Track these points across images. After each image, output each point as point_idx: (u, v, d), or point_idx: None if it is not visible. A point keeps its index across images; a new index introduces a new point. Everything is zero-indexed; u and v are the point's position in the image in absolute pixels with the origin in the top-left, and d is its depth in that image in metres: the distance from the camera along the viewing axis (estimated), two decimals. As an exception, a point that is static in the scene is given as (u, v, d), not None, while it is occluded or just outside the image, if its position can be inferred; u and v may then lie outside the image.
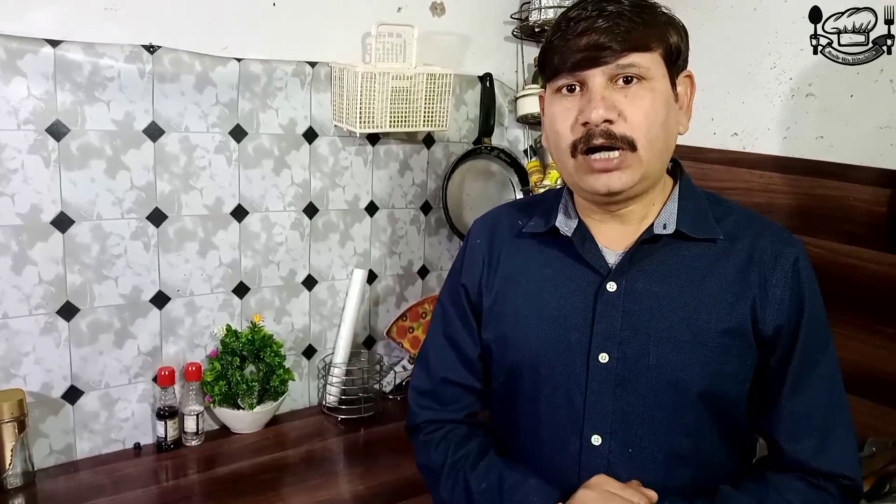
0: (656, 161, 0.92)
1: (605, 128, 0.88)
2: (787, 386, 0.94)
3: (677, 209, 0.96)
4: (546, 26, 1.85)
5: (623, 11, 0.88)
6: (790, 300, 0.93)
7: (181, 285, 1.60)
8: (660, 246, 0.96)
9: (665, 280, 0.94)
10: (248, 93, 1.60)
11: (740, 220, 0.97)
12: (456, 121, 1.93)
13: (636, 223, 0.97)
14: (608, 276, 0.96)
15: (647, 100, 0.89)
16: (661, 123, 0.90)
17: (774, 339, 0.93)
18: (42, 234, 1.42)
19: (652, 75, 0.89)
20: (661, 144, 0.91)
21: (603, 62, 0.88)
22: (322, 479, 1.50)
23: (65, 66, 1.39)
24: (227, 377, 1.62)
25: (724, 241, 0.95)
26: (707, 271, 0.94)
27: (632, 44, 0.88)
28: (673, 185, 1.00)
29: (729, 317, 0.92)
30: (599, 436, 0.95)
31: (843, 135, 1.51)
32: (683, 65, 0.95)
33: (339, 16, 1.70)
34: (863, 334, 1.44)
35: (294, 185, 1.71)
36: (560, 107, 0.93)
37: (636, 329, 0.94)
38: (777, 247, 0.94)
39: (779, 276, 0.93)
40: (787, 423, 0.94)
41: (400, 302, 1.97)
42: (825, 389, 0.94)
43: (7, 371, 1.43)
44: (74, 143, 1.42)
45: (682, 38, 0.94)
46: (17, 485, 1.40)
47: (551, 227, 1.01)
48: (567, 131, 0.92)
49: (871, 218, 1.45)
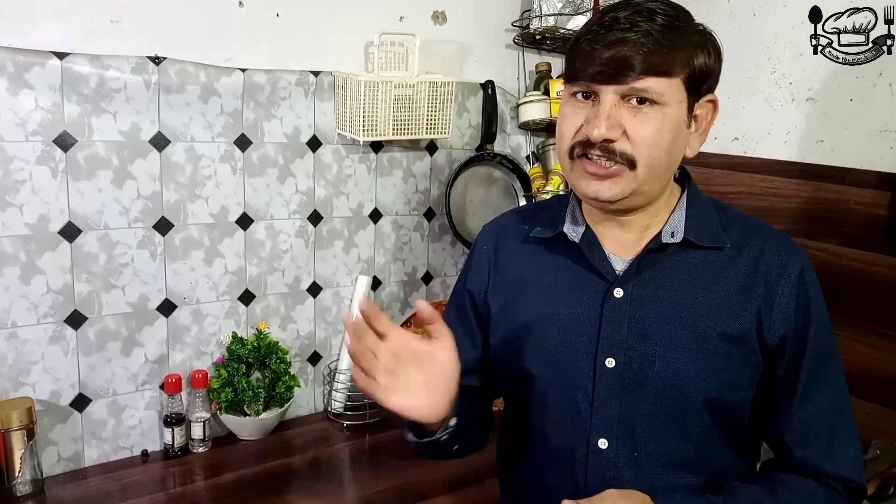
0: (653, 181, 0.91)
1: (605, 145, 0.88)
2: (798, 395, 0.94)
3: (685, 217, 0.96)
4: (547, 34, 1.87)
5: (653, 31, 0.85)
6: (796, 310, 0.93)
7: (187, 293, 1.62)
8: (667, 254, 0.96)
9: (672, 287, 0.95)
10: (253, 102, 1.62)
11: (746, 229, 0.97)
12: (458, 128, 1.94)
13: (639, 232, 0.98)
14: (615, 282, 0.96)
15: (654, 123, 0.88)
16: (666, 148, 0.89)
17: (780, 348, 0.93)
18: (50, 243, 1.44)
19: (666, 101, 0.88)
20: (661, 167, 0.90)
21: (619, 81, 0.87)
22: (328, 485, 1.51)
23: (72, 78, 1.41)
24: (234, 384, 1.63)
25: (731, 249, 0.95)
26: (713, 279, 0.94)
27: (652, 67, 0.86)
28: (681, 192, 1.00)
29: (734, 324, 0.92)
30: (606, 440, 0.95)
31: (842, 138, 1.52)
32: (711, 87, 0.93)
33: (342, 25, 1.71)
34: (864, 336, 1.44)
35: (298, 193, 1.73)
36: (570, 109, 0.93)
37: (643, 335, 0.94)
38: (783, 256, 0.94)
39: (784, 286, 0.93)
40: (798, 431, 0.95)
41: (404, 308, 1.98)
42: (832, 395, 0.95)
43: (16, 380, 1.45)
44: (81, 153, 1.44)
45: (714, 58, 0.91)
46: (26, 492, 1.41)
47: (559, 232, 1.01)
48: (570, 134, 0.92)
49: (872, 221, 1.46)
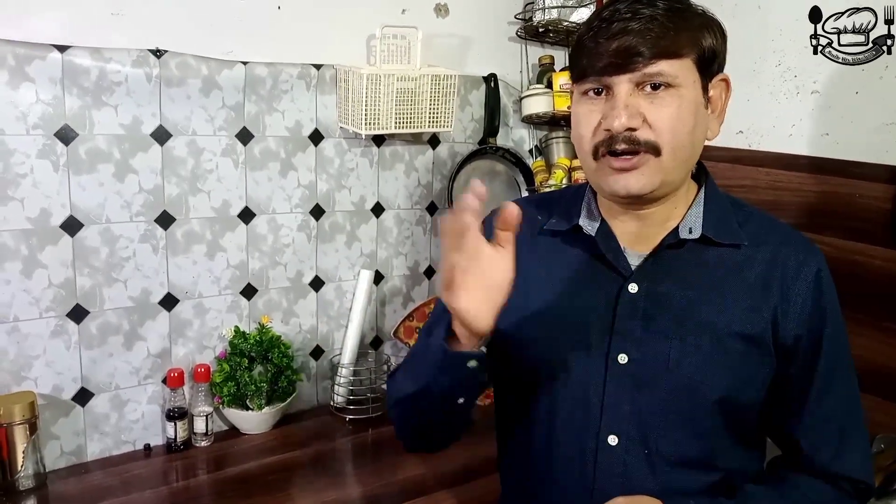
0: (680, 167, 0.91)
1: (628, 135, 0.87)
2: (811, 396, 0.94)
3: (702, 213, 0.95)
4: (550, 26, 1.86)
5: (656, 15, 0.85)
6: (812, 310, 0.92)
7: (189, 287, 1.61)
8: (683, 250, 0.95)
9: (687, 284, 0.94)
10: (254, 96, 1.61)
11: (763, 226, 0.97)
12: (461, 121, 1.94)
13: (659, 225, 0.96)
14: (630, 277, 0.95)
15: (673, 107, 0.87)
16: (688, 131, 0.89)
17: (794, 348, 0.92)
18: (52, 237, 1.44)
19: (680, 83, 0.87)
20: (686, 152, 0.90)
21: (630, 69, 0.86)
22: (330, 480, 1.50)
23: (72, 71, 1.40)
24: (236, 378, 1.63)
25: (748, 247, 0.94)
26: (729, 277, 0.93)
27: (661, 51, 0.85)
28: (698, 188, 0.99)
29: (750, 323, 0.92)
30: (616, 436, 0.94)
31: (848, 132, 1.50)
32: (720, 68, 0.93)
33: (344, 18, 1.71)
34: (870, 331, 1.43)
35: (300, 186, 1.72)
36: (585, 109, 0.92)
37: (656, 331, 0.93)
38: (800, 256, 0.93)
39: (801, 286, 0.92)
40: (810, 431, 0.94)
41: (407, 302, 1.98)
42: (844, 397, 0.95)
43: (18, 374, 1.45)
44: (83, 147, 1.44)
45: (719, 40, 0.91)
46: (28, 486, 1.41)
47: (574, 225, 1.00)
48: (590, 134, 0.91)
49: (877, 214, 1.45)
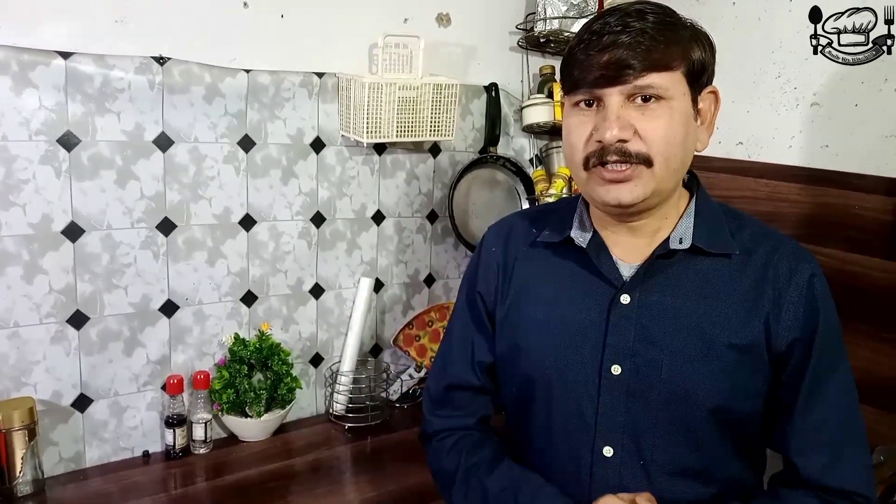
0: (671, 178, 0.91)
1: (620, 146, 0.88)
2: (799, 402, 0.93)
3: (693, 224, 0.96)
4: (551, 36, 1.87)
5: (646, 29, 0.87)
6: (804, 317, 0.92)
7: (190, 294, 1.61)
8: (675, 260, 0.95)
9: (679, 294, 0.94)
10: (257, 103, 1.62)
11: (755, 235, 0.97)
12: (462, 130, 1.94)
13: (650, 236, 0.97)
14: (622, 288, 0.95)
15: (664, 118, 0.88)
16: (679, 142, 0.90)
17: (787, 355, 0.92)
18: (53, 243, 1.44)
19: (671, 95, 0.88)
20: (677, 163, 0.90)
21: (621, 82, 0.87)
22: (329, 487, 1.50)
23: (76, 78, 1.40)
24: (236, 385, 1.63)
25: (740, 256, 0.94)
26: (721, 286, 0.93)
27: (652, 63, 0.86)
28: (689, 198, 0.99)
29: (743, 332, 0.92)
30: (611, 447, 0.95)
31: (847, 143, 1.51)
32: (709, 80, 0.94)
33: (346, 27, 1.71)
34: (869, 342, 1.44)
35: (302, 194, 1.73)
36: (576, 120, 0.93)
37: (649, 342, 0.93)
38: (792, 263, 0.93)
39: (793, 293, 0.92)
40: (798, 439, 0.93)
41: (406, 310, 1.98)
42: (838, 405, 0.93)
43: (17, 379, 1.44)
44: (85, 153, 1.44)
45: (708, 52, 0.92)
46: (27, 492, 1.41)
47: (566, 237, 1.00)
48: (581, 145, 0.92)
49: (876, 226, 1.45)
